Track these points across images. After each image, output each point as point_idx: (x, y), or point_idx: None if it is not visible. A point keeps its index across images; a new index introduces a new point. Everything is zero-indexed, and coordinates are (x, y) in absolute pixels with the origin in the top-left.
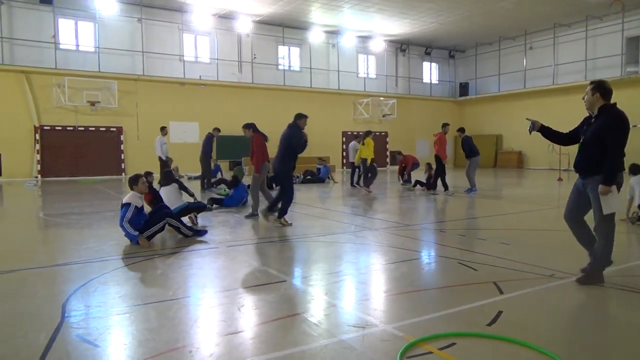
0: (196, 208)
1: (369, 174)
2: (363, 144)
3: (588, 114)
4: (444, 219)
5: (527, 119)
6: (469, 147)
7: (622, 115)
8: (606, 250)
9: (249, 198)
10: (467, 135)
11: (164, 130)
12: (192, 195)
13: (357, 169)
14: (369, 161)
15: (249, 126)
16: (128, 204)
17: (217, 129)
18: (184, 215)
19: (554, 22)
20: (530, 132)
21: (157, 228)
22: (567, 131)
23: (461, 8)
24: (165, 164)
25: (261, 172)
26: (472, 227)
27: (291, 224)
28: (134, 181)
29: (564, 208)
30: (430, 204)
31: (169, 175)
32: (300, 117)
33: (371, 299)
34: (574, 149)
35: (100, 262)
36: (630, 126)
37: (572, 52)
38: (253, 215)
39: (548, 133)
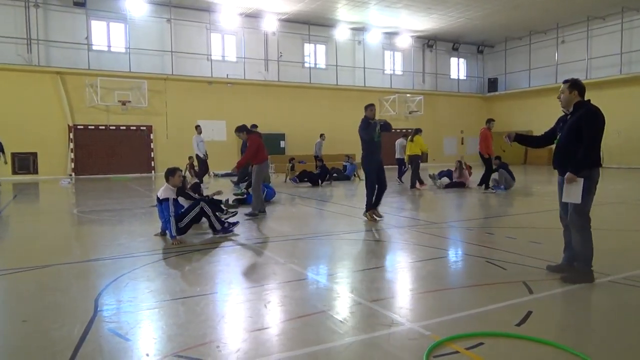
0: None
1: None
2: (412, 140)
3: (563, 113)
4: (472, 216)
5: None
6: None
7: (598, 111)
8: (585, 246)
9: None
10: (503, 163)
11: (198, 128)
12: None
13: (403, 165)
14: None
15: (242, 129)
16: (166, 199)
17: (254, 125)
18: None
19: (587, 14)
20: (509, 143)
21: (193, 215)
22: (543, 133)
23: (490, 2)
24: (204, 162)
25: (261, 170)
26: (501, 225)
27: (382, 216)
28: (170, 173)
29: (595, 206)
30: (458, 201)
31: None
32: (366, 108)
33: (397, 297)
34: (608, 146)
35: (131, 258)
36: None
37: (606, 45)
38: (253, 214)
39: (524, 140)
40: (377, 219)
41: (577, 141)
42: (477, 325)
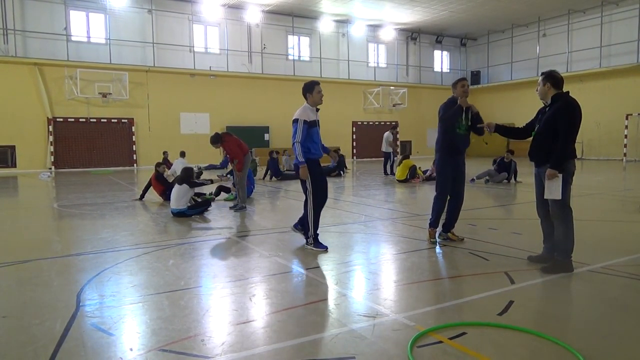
0: (200, 209)
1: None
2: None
3: (543, 104)
4: None
5: (483, 125)
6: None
7: (574, 103)
8: (568, 236)
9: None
10: (513, 160)
11: (183, 155)
12: (206, 184)
13: (389, 159)
14: None
15: (217, 139)
16: (296, 120)
17: None
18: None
19: (568, 8)
20: (490, 133)
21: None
22: (523, 125)
23: None
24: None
25: (244, 165)
26: (483, 216)
27: (463, 238)
28: (308, 88)
29: (575, 198)
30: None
31: (185, 174)
32: (454, 85)
33: (382, 289)
34: (587, 138)
35: (114, 252)
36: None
37: (586, 39)
38: (241, 208)
39: (504, 130)
40: (433, 240)
41: (553, 134)
42: (460, 315)
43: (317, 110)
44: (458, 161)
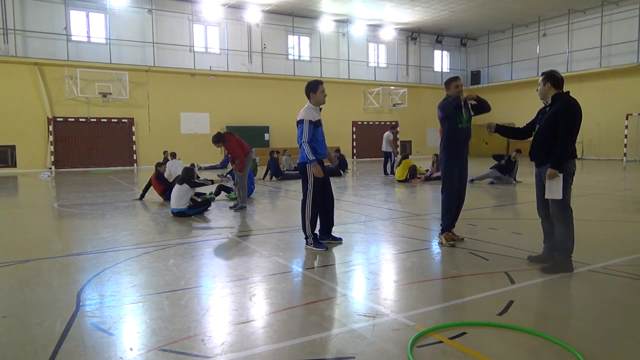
0: (200, 209)
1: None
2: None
3: (543, 104)
4: None
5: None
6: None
7: (574, 103)
8: (568, 236)
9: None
10: (518, 160)
11: (174, 155)
12: (207, 184)
13: (389, 159)
14: None
15: (219, 139)
16: (302, 121)
17: None
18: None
19: (568, 7)
20: (490, 133)
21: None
22: (524, 125)
23: None
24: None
25: (245, 165)
26: (483, 216)
27: (463, 238)
28: (312, 88)
29: (575, 197)
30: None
31: (185, 174)
32: (447, 85)
33: (382, 289)
34: (588, 138)
35: (114, 252)
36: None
37: (586, 39)
38: (241, 207)
39: (505, 131)
40: (452, 242)
41: (553, 134)
42: (460, 315)
43: (320, 109)
44: (461, 160)
